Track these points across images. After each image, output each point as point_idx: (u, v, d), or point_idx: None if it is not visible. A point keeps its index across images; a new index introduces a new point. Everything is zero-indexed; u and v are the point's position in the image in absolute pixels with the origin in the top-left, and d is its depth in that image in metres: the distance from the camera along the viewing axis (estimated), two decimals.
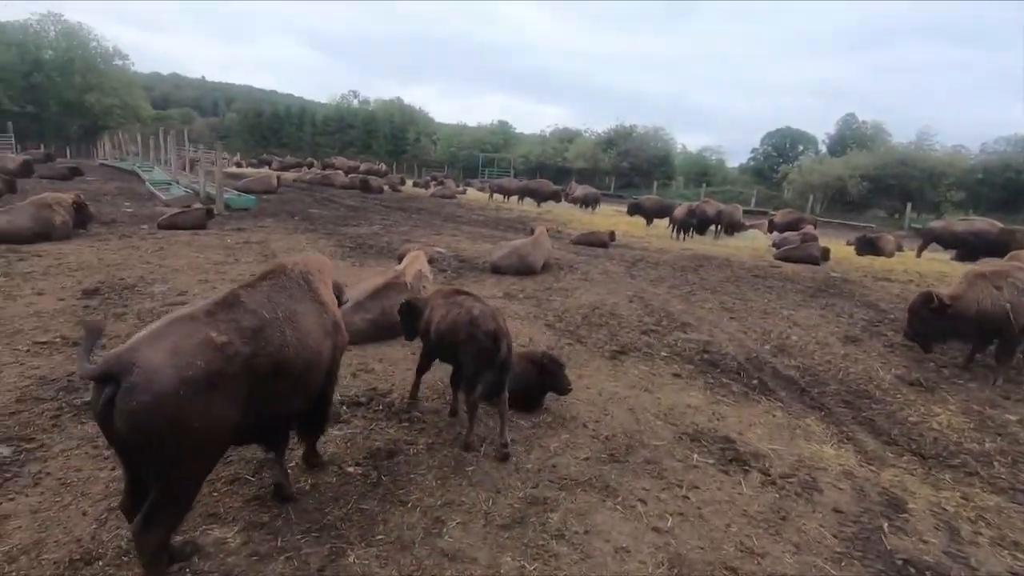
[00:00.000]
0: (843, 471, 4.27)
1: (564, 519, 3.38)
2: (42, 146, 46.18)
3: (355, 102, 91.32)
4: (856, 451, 4.68)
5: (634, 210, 23.30)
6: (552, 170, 56.39)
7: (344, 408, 4.59)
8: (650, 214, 22.52)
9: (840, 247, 19.07)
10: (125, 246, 10.06)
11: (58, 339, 5.58)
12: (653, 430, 4.65)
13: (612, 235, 15.64)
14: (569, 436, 4.41)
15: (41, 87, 62.37)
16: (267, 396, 2.76)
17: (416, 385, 4.83)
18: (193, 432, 2.35)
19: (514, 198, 28.89)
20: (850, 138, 54.43)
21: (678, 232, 19.04)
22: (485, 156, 62.35)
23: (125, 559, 2.83)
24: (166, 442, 2.30)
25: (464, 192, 32.96)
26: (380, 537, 3.12)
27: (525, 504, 3.50)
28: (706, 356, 6.81)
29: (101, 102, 65.55)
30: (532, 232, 11.73)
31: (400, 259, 7.48)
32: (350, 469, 3.71)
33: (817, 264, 14.58)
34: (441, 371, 5.06)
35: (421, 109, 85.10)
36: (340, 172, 30.60)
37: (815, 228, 19.46)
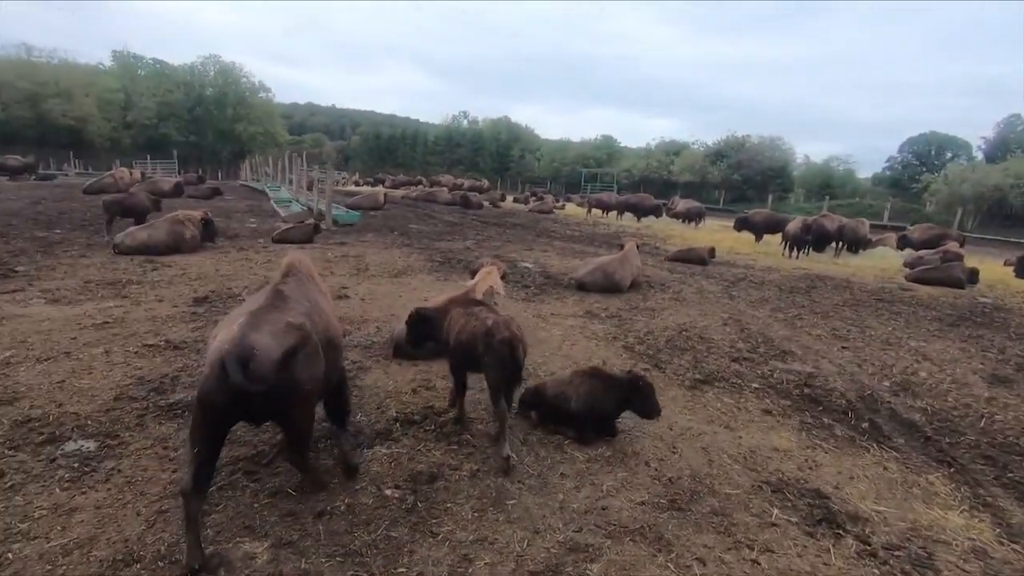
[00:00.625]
0: (973, 548, 3.45)
1: (605, 572, 3.01)
2: (199, 170, 52.91)
3: (464, 122, 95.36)
4: (995, 522, 3.78)
5: (742, 225, 21.74)
6: (657, 184, 54.67)
7: (397, 425, 4.53)
8: (760, 229, 20.86)
9: (994, 268, 16.39)
10: (240, 258, 11.04)
11: (163, 343, 6.12)
12: (727, 475, 4.09)
13: (712, 252, 14.62)
14: (627, 475, 3.99)
15: (201, 119, 71.48)
16: (326, 362, 3.42)
17: (460, 405, 4.67)
18: (302, 384, 3.14)
19: (613, 213, 28.22)
20: (1014, 142, 47.13)
21: (791, 249, 17.40)
22: (588, 171, 61.94)
23: (161, 563, 2.90)
24: (289, 394, 3.09)
25: (562, 207, 32.82)
26: (402, 570, 2.95)
27: (564, 550, 3.16)
28: (807, 391, 5.99)
29: (247, 130, 73.98)
30: (621, 248, 11.23)
31: (473, 274, 7.41)
32: (388, 491, 3.60)
33: (960, 287, 12.58)
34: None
35: (527, 126, 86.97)
36: (444, 189, 31.83)
37: (961, 246, 16.87)
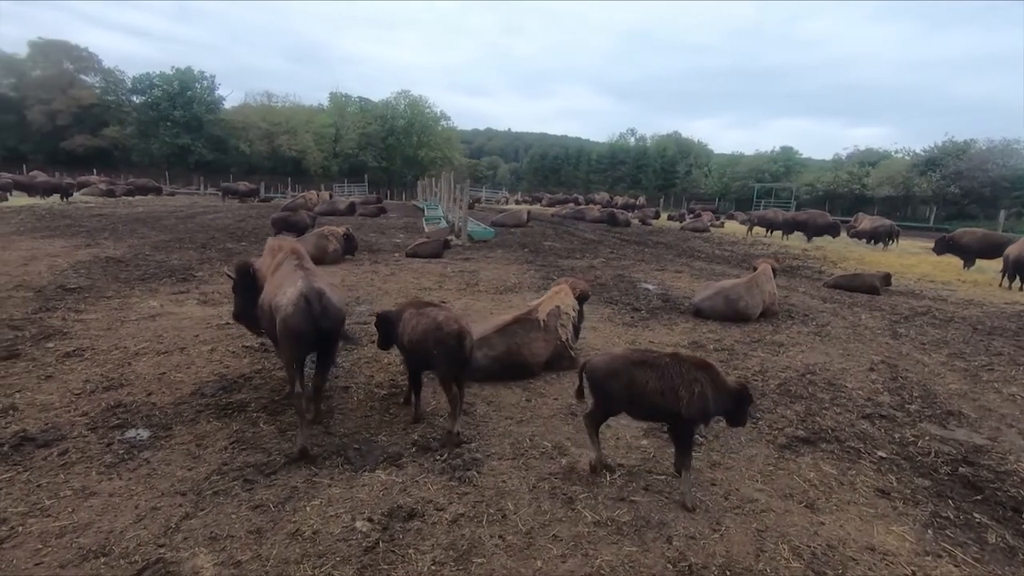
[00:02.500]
0: None
1: None
2: (378, 191, 59.51)
3: (632, 140, 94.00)
4: None
5: (945, 247, 17.75)
6: (846, 200, 47.72)
7: (412, 450, 4.29)
8: (970, 253, 16.80)
9: None
10: (368, 271, 11.92)
11: (258, 344, 6.71)
12: (778, 575, 3.08)
13: (886, 278, 12.07)
14: (636, 550, 3.22)
15: (392, 147, 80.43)
16: None
17: (416, 404, 4.90)
18: (343, 320, 4.64)
19: (779, 232, 25.11)
20: None
21: (1012, 278, 13.66)
22: (761, 186, 56.43)
23: (122, 561, 3.00)
24: (339, 324, 4.55)
25: (721, 225, 30.21)
26: None
27: None
28: (964, 470, 4.42)
29: (428, 155, 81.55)
30: (755, 270, 9.76)
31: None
32: (359, 523, 3.36)
33: None
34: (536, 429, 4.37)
35: (699, 141, 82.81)
36: (593, 207, 31.41)
37: None
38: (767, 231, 25.64)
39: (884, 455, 4.64)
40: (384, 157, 79.83)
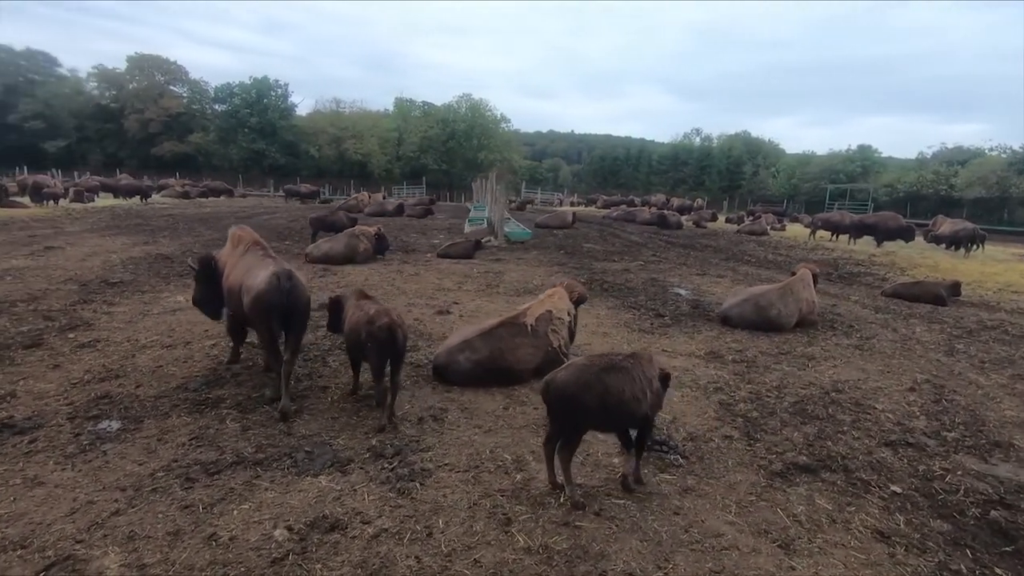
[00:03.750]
0: None
1: None
2: (446, 193, 60.50)
3: (696, 140, 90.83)
4: None
5: None
6: (931, 201, 43.83)
7: (366, 455, 4.12)
8: None
9: None
10: (394, 271, 11.97)
11: (254, 341, 6.77)
12: None
13: (955, 287, 10.83)
14: None
15: (453, 150, 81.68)
16: None
17: (354, 390, 5.20)
18: (308, 302, 5.14)
19: (846, 236, 23.31)
20: None
21: None
22: (834, 187, 52.82)
23: (36, 556, 3.00)
24: (306, 305, 5.05)
25: (782, 228, 28.45)
26: None
27: None
28: (996, 514, 3.76)
29: (488, 158, 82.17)
30: (793, 275, 8.97)
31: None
32: (277, 532, 3.21)
33: None
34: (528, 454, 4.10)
35: (771, 140, 78.92)
36: (644, 209, 30.47)
37: None
38: (832, 235, 23.84)
39: (899, 490, 4.02)
40: (444, 160, 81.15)
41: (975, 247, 20.31)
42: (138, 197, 29.26)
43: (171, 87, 72.05)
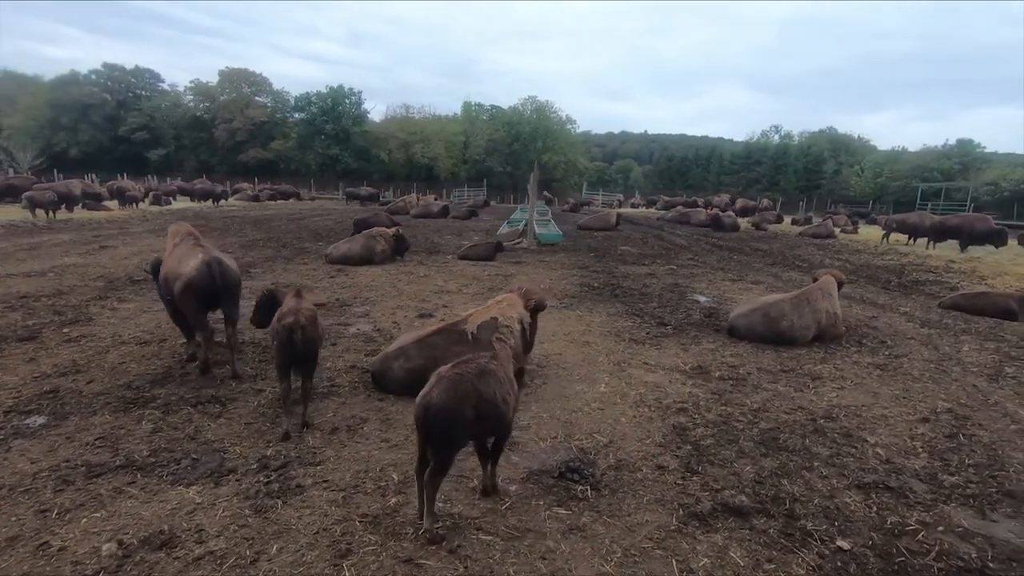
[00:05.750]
0: None
1: None
2: (510, 195, 60.62)
3: (775, 138, 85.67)
4: None
5: None
6: None
7: (254, 466, 3.93)
8: None
9: None
10: (405, 272, 11.90)
11: (223, 340, 6.83)
12: None
13: None
14: None
15: (518, 152, 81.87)
16: None
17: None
18: (240, 284, 5.75)
19: (924, 240, 20.91)
20: None
21: None
22: (927, 186, 47.83)
23: None
24: (237, 286, 5.65)
25: (853, 231, 26.04)
26: None
27: None
28: None
29: (552, 159, 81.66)
30: (814, 281, 7.99)
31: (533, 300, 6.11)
32: (105, 546, 3.06)
33: None
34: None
35: (860, 137, 73.02)
36: (700, 210, 28.91)
37: None
38: (909, 238, 21.45)
39: (846, 546, 3.31)
40: (509, 162, 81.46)
41: None
42: (211, 200, 31.35)
43: (256, 98, 77.11)
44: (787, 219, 31.47)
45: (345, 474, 3.85)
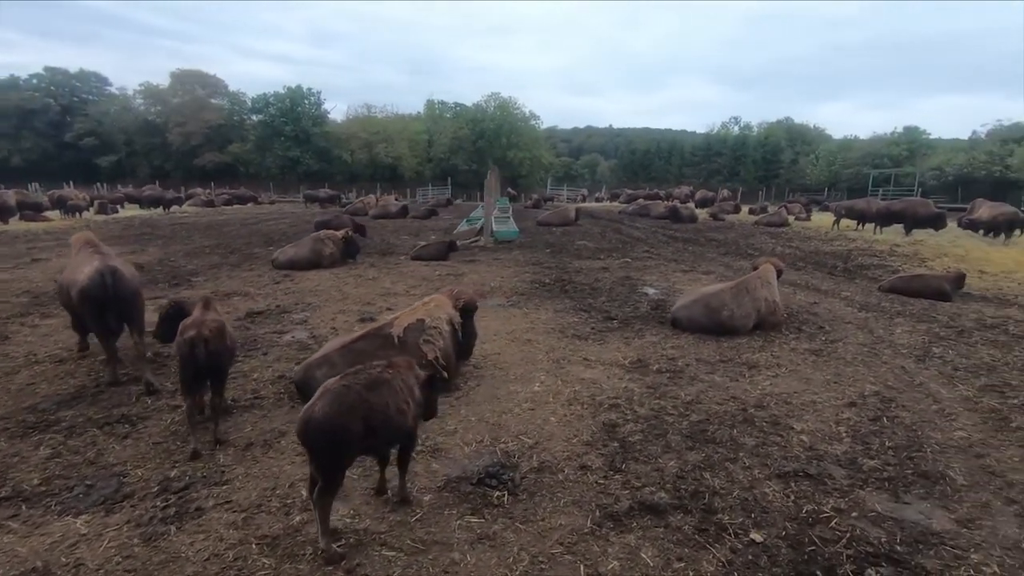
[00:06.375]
0: None
1: None
2: (477, 193, 60.21)
3: (735, 129, 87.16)
4: None
5: None
6: (984, 185, 40.35)
7: (154, 489, 3.70)
8: None
9: None
10: (354, 274, 11.62)
11: (152, 357, 6.52)
12: None
13: (959, 280, 9.59)
14: None
15: (482, 150, 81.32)
16: None
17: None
18: (140, 294, 5.68)
19: (872, 224, 21.55)
20: None
21: None
22: (877, 172, 49.44)
23: None
24: (135, 296, 5.52)
25: (807, 218, 26.70)
26: None
27: None
28: (873, 573, 3.00)
29: (518, 156, 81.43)
30: (754, 270, 8.08)
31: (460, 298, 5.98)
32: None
33: None
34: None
35: (816, 127, 74.79)
36: (660, 203, 29.23)
37: None
38: (858, 224, 22.09)
39: (759, 538, 3.29)
40: (474, 160, 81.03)
41: (1019, 233, 18.32)
42: (161, 207, 30.26)
43: (212, 100, 74.83)
44: (745, 208, 32.10)
45: (251, 493, 3.66)
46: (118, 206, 29.15)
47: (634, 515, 3.48)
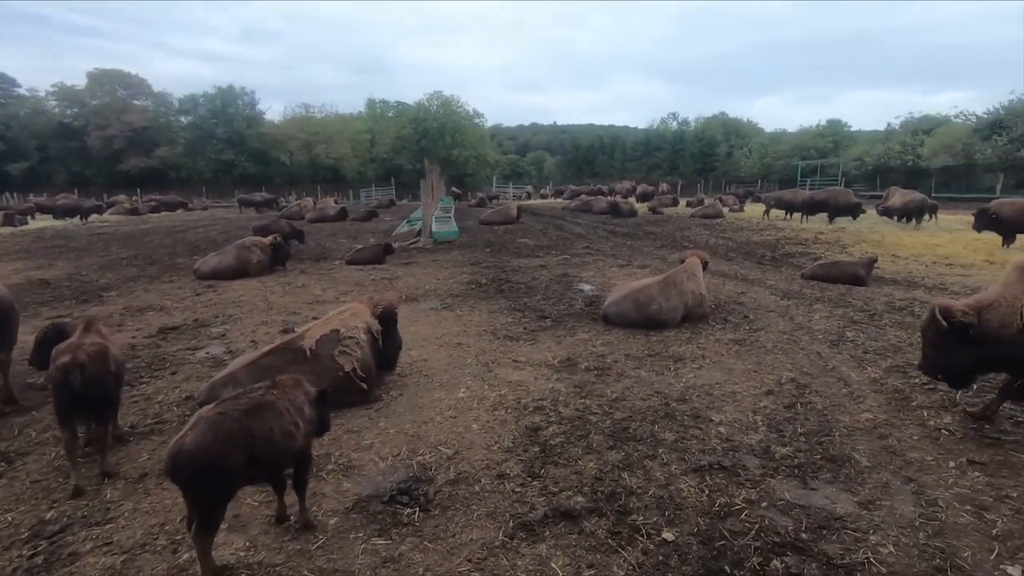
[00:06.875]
0: None
1: None
2: (416, 194, 59.38)
3: (673, 124, 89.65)
4: None
5: (985, 222, 15.13)
6: (899, 173, 43.18)
7: (23, 536, 3.34)
8: (1010, 227, 14.24)
9: None
10: (283, 282, 11.15)
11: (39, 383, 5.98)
12: None
13: (870, 264, 10.13)
14: None
15: (426, 149, 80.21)
16: None
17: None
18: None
19: (799, 214, 22.61)
20: None
21: None
22: (806, 164, 52.13)
23: None
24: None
25: (740, 209, 27.77)
26: None
27: None
28: (781, 563, 3.03)
29: (462, 155, 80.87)
30: (681, 263, 8.22)
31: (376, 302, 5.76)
32: None
33: None
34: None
35: (749, 121, 77.93)
36: (601, 198, 29.67)
37: None
38: (787, 214, 23.13)
39: (671, 537, 3.28)
40: (418, 159, 79.88)
41: (928, 217, 19.66)
42: (77, 216, 28.24)
43: (134, 101, 70.57)
44: (683, 202, 33.03)
45: (136, 531, 3.36)
46: (28, 217, 26.98)
47: (548, 523, 3.40)
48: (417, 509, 3.53)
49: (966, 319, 4.30)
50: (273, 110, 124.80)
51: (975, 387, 5.16)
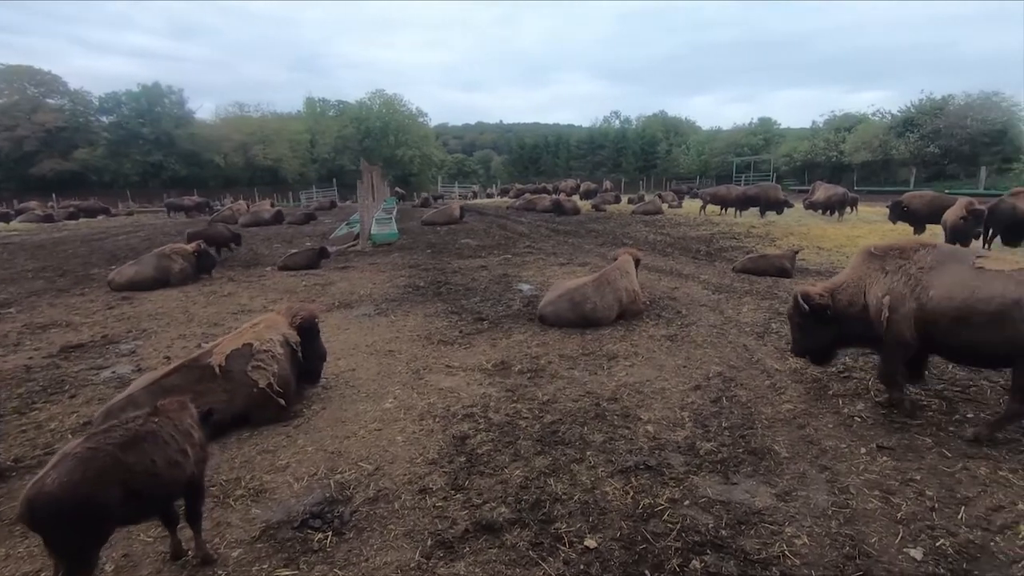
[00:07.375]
0: None
1: None
2: (351, 197, 57.98)
3: (616, 123, 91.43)
4: None
5: (898, 213, 16.16)
6: (825, 168, 45.67)
7: None
8: (919, 219, 15.23)
9: None
10: (207, 291, 10.54)
11: None
12: None
13: (793, 256, 10.59)
14: None
15: (370, 149, 78.54)
16: None
17: None
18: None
19: (733, 209, 23.47)
20: None
21: (952, 244, 12.08)
22: (740, 160, 54.37)
23: None
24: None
25: (679, 205, 28.59)
26: None
27: None
28: (700, 562, 3.01)
29: (407, 154, 79.63)
30: (614, 261, 8.28)
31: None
32: None
33: None
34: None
35: (687, 119, 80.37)
36: (545, 197, 29.81)
37: None
38: (722, 209, 23.97)
39: (593, 544, 3.22)
40: (361, 159, 78.03)
41: (848, 210, 20.81)
42: None
43: (48, 100, 65.59)
44: (625, 199, 33.68)
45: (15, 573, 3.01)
46: None
47: (468, 539, 3.28)
48: (330, 533, 3.32)
49: (823, 301, 4.84)
50: (205, 109, 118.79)
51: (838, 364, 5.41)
